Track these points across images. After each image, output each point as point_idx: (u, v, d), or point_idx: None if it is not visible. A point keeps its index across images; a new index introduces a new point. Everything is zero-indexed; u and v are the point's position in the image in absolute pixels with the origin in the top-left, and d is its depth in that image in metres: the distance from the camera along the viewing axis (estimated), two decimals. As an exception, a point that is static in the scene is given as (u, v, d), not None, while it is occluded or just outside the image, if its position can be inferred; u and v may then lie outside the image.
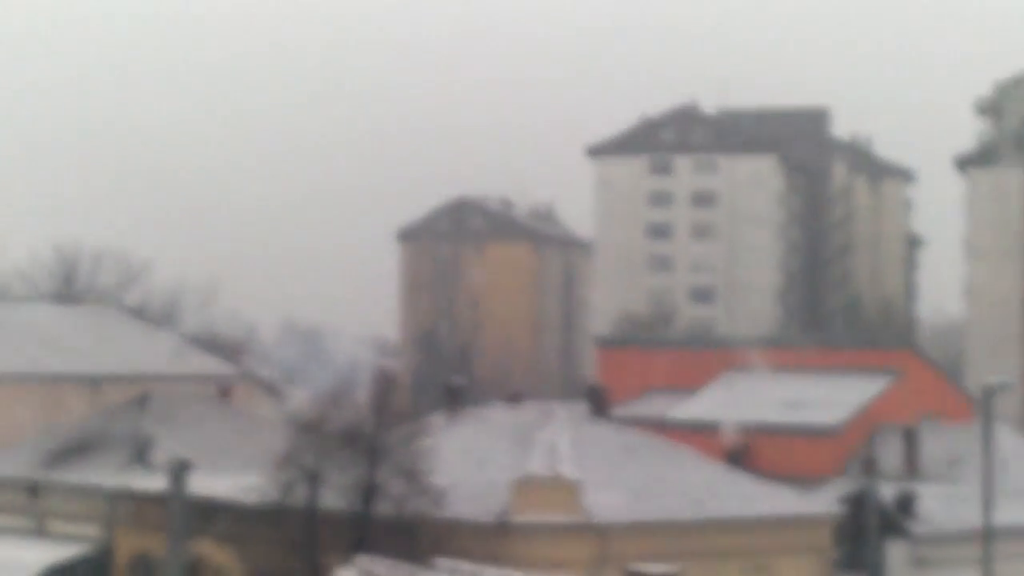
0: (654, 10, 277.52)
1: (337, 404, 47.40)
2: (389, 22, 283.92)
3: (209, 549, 49.40)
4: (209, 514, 48.58)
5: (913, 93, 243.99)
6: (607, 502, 46.39)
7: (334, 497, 45.75)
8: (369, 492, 45.36)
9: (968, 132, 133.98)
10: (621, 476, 48.13)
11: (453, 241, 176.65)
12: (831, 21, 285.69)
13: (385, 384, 48.51)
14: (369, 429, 46.02)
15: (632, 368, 77.18)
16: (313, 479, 45.81)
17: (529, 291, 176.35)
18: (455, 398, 54.93)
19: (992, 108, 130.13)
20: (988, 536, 41.27)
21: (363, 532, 44.87)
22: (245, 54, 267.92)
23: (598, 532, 45.49)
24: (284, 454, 46.72)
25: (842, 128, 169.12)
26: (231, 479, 50.00)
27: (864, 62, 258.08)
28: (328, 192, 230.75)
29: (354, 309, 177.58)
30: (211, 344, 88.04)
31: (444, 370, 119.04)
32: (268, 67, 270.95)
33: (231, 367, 75.19)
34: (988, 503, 41.24)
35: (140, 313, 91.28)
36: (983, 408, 44.88)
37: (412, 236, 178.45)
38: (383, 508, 45.25)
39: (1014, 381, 55.49)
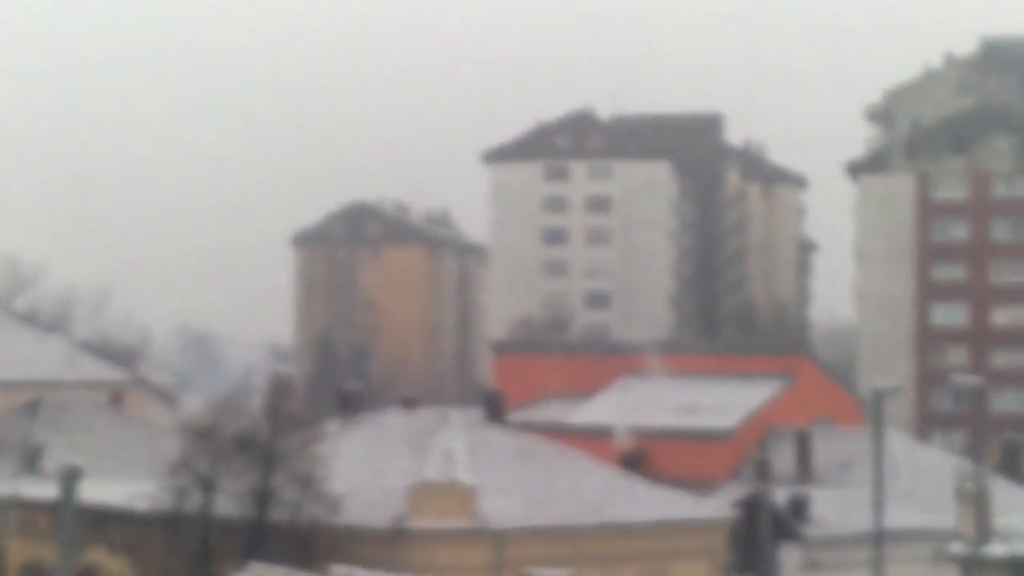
0: (548, 17, 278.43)
1: (231, 410, 47.12)
2: (283, 25, 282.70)
3: (102, 557, 48.92)
4: (101, 522, 48.11)
5: (805, 100, 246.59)
6: (503, 507, 46.43)
7: (228, 504, 45.41)
8: (264, 499, 45.09)
9: (859, 139, 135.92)
10: (517, 481, 48.18)
11: (349, 245, 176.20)
12: (725, 29, 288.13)
13: (280, 390, 48.19)
14: (264, 435, 45.76)
15: (528, 373, 77.29)
16: (207, 486, 45.48)
17: (425, 296, 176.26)
18: (350, 403, 54.73)
19: (882, 115, 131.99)
20: (879, 539, 41.72)
21: (257, 539, 44.59)
22: (137, 56, 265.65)
23: (494, 537, 45.52)
24: (177, 461, 46.35)
25: (735, 135, 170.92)
26: (124, 486, 49.54)
27: (757, 70, 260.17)
28: (222, 197, 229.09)
29: (249, 314, 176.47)
30: (104, 350, 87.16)
31: (339, 375, 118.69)
32: (162, 70, 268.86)
33: (124, 373, 74.45)
34: (879, 506, 41.69)
35: (31, 319, 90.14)
36: (873, 412, 45.37)
37: (307, 240, 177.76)
38: (278, 515, 44.99)
39: (903, 385, 56.12)
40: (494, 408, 55.94)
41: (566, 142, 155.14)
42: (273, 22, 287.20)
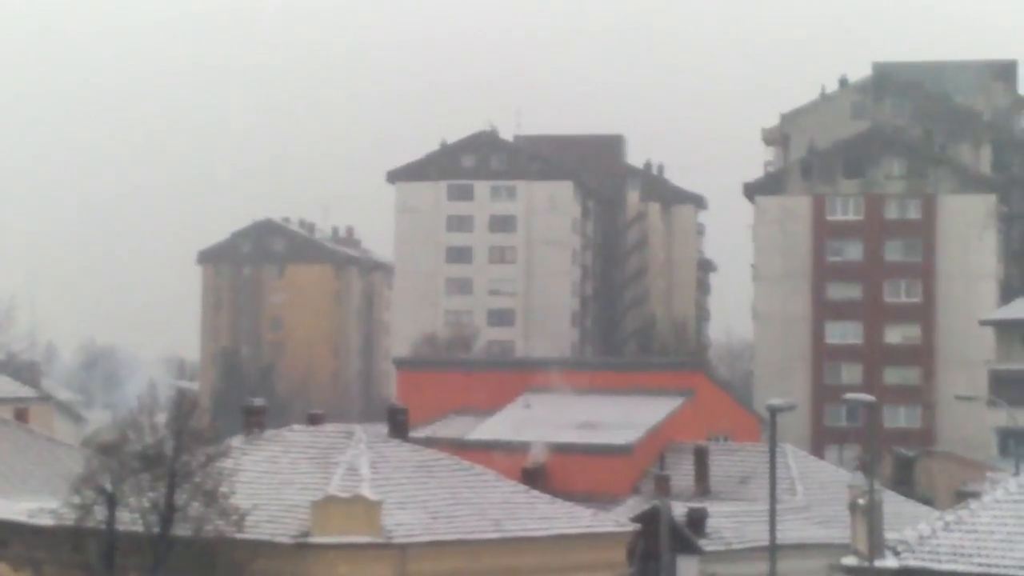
0: (453, 38, 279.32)
1: (136, 426, 47.21)
2: (192, 42, 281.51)
3: (4, 573, 48.89)
4: (4, 537, 48.11)
5: (704, 123, 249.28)
6: (406, 522, 46.97)
7: (133, 520, 45.61)
8: (168, 514, 45.29)
9: (756, 161, 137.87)
10: (420, 496, 48.71)
11: (254, 263, 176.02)
12: (626, 53, 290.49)
13: (184, 405, 48.36)
14: (168, 451, 45.94)
15: (431, 389, 77.85)
16: (111, 502, 45.60)
17: (330, 313, 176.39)
18: (255, 419, 54.89)
19: (779, 138, 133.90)
20: (773, 552, 42.69)
21: (161, 554, 44.82)
22: (42, 67, 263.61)
23: (397, 551, 46.02)
24: (81, 476, 46.40)
25: (636, 156, 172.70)
26: (27, 502, 49.52)
27: (657, 93, 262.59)
28: (128, 213, 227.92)
29: (154, 331, 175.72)
30: (7, 366, 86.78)
31: (244, 391, 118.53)
32: (68, 82, 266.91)
33: (28, 389, 74.19)
34: (773, 520, 42.67)
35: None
36: (769, 428, 46.41)
37: (213, 257, 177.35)
38: (182, 530, 45.21)
39: (798, 402, 57.28)
40: (398, 424, 56.49)
41: (470, 162, 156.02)
42: (185, 40, 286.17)
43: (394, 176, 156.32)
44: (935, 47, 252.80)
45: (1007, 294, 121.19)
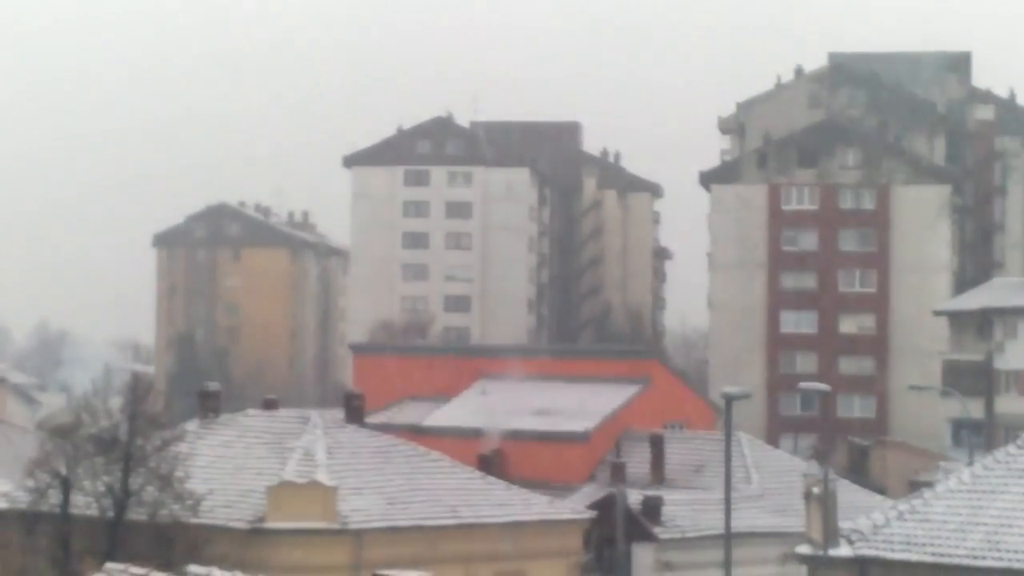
0: (410, 24, 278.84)
1: (90, 409, 47.09)
2: (149, 29, 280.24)
3: (-43, 556, 48.65)
4: (-42, 521, 47.86)
5: (661, 112, 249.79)
6: (362, 508, 46.99)
7: (87, 503, 45.50)
8: (123, 498, 45.20)
9: (713, 150, 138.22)
10: (376, 482, 48.73)
11: (210, 247, 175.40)
12: (583, 39, 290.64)
13: (140, 390, 48.25)
14: (123, 435, 45.83)
15: (388, 375, 77.78)
16: (65, 485, 45.49)
17: (286, 298, 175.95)
18: (211, 404, 54.81)
19: (735, 127, 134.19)
20: (728, 540, 42.87)
21: (116, 539, 44.73)
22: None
23: (353, 537, 46.04)
24: (35, 460, 46.27)
25: (593, 143, 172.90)
26: (-19, 485, 49.30)
27: (615, 81, 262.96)
28: (83, 196, 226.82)
29: (109, 315, 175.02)
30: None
31: (200, 375, 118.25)
32: (22, 69, 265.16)
33: (-19, 372, 73.79)
34: (728, 508, 42.84)
35: None
36: (724, 417, 46.58)
37: (168, 241, 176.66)
38: (137, 514, 45.13)
39: (752, 390, 57.48)
40: (354, 409, 56.46)
41: (426, 148, 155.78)
42: (141, 22, 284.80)
43: (350, 161, 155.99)
44: (891, 38, 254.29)
45: (960, 285, 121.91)
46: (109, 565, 35.97)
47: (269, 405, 56.68)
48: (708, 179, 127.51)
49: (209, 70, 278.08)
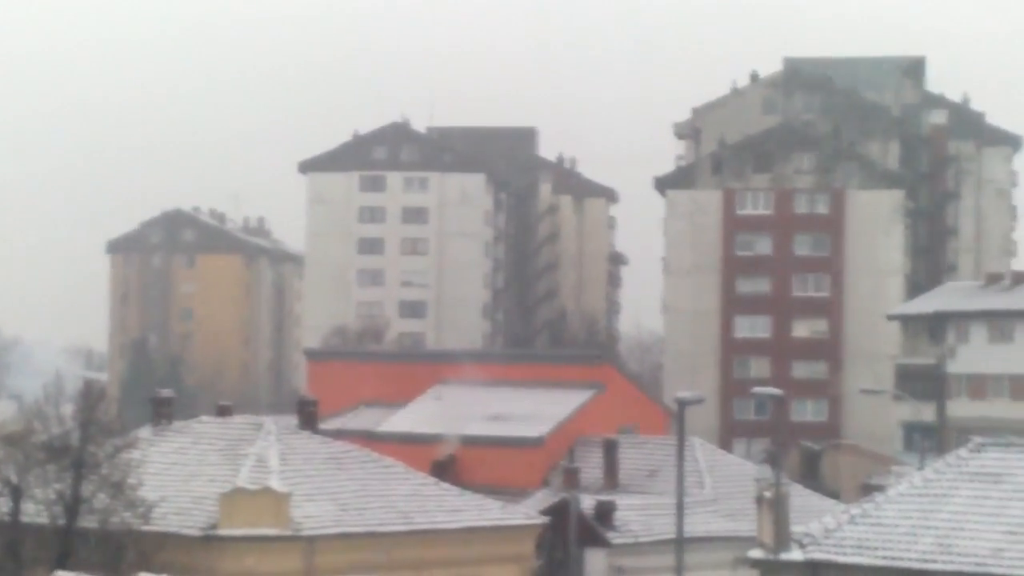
0: (366, 29, 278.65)
1: (42, 416, 46.84)
2: (104, 29, 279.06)
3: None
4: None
5: (617, 117, 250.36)
6: (315, 514, 46.91)
7: (38, 511, 45.25)
8: (74, 506, 44.98)
9: (668, 155, 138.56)
10: (329, 488, 48.64)
11: (164, 253, 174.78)
12: (540, 44, 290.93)
13: (92, 396, 48.03)
14: (75, 442, 45.62)
15: (342, 381, 77.63)
16: (16, 492, 45.23)
17: (240, 304, 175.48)
18: (164, 411, 54.64)
19: (690, 132, 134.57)
20: (680, 544, 42.96)
21: (67, 546, 44.50)
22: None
23: (305, 544, 45.95)
24: (-14, 467, 45.98)
25: (549, 149, 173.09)
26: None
27: (571, 86, 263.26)
28: (36, 202, 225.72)
29: (62, 321, 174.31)
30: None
31: (153, 382, 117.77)
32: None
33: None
34: (681, 513, 42.92)
35: None
36: (677, 421, 46.69)
37: (123, 247, 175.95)
38: (88, 522, 44.92)
39: (706, 395, 57.58)
40: (307, 416, 56.37)
41: (382, 153, 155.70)
42: (96, 27, 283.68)
43: (306, 167, 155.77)
44: (846, 43, 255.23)
45: (913, 289, 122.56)
46: (60, 573, 35.87)
47: (223, 412, 56.55)
48: (663, 184, 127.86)
49: (165, 75, 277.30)
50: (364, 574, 46.76)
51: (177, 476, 48.83)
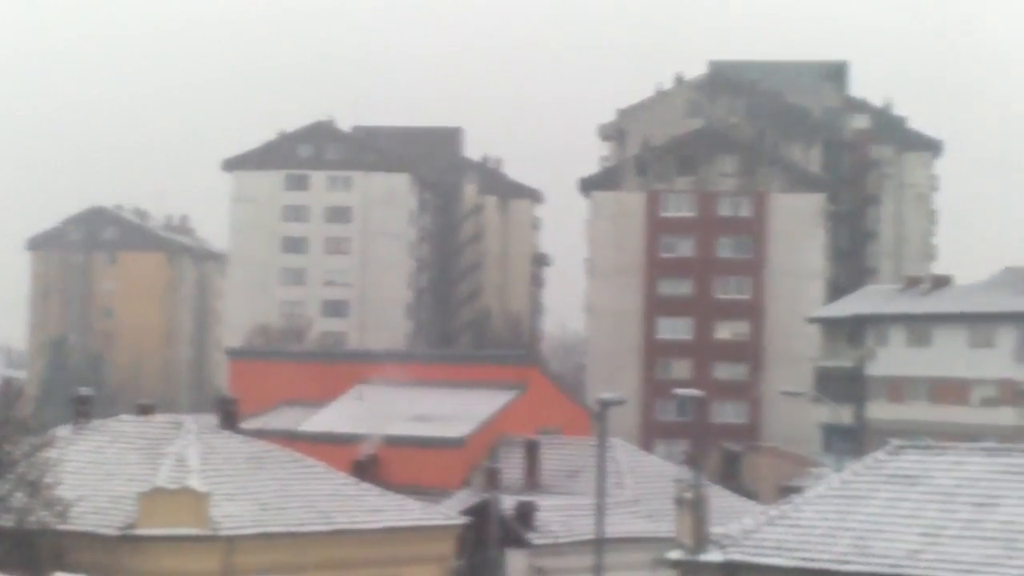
0: (292, 27, 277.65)
1: (-42, 415, 46.37)
2: (25, 22, 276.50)
3: None
4: None
5: (543, 119, 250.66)
6: (234, 514, 46.69)
7: (-46, 510, 44.78)
8: (-10, 505, 44.56)
9: (593, 157, 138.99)
10: (250, 488, 48.42)
11: (85, 250, 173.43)
12: (466, 45, 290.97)
13: (10, 394, 47.63)
14: (-9, 440, 45.20)
15: (264, 380, 77.27)
16: (-69, 492, 44.77)
17: (162, 302, 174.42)
18: (84, 409, 54.23)
19: (615, 134, 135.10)
20: (600, 545, 43.11)
21: (-17, 545, 44.09)
22: None
23: (224, 544, 45.71)
24: (-99, 466, 45.46)
25: (474, 149, 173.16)
26: None
27: (497, 86, 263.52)
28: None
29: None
30: None
31: (73, 380, 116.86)
32: None
33: None
34: (601, 513, 43.07)
35: None
36: (598, 422, 46.82)
37: (43, 244, 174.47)
38: (4, 521, 44.48)
39: (628, 396, 57.83)
40: (228, 415, 56.12)
41: (307, 152, 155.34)
42: (14, 19, 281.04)
43: (230, 165, 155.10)
44: (771, 47, 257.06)
45: (834, 292, 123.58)
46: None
47: (144, 410, 56.23)
48: (588, 185, 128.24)
49: (87, 72, 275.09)
50: (283, 574, 46.58)
51: (95, 475, 48.47)
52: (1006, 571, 35.35)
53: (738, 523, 40.53)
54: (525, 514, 56.08)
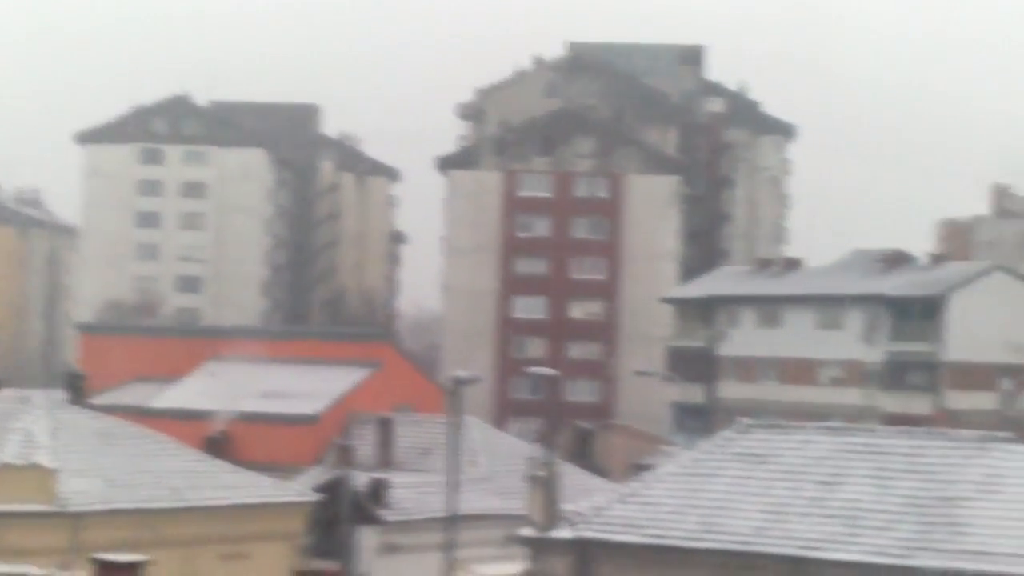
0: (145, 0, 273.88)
1: None
2: None
3: None
4: None
5: (401, 96, 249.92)
6: (83, 490, 46.19)
7: None
8: None
9: (451, 136, 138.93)
10: (98, 464, 47.92)
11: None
12: (324, 20, 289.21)
13: None
14: None
15: (116, 355, 76.50)
16: None
17: (11, 276, 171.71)
18: (-73, 384, 53.38)
19: (474, 114, 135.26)
20: (451, 522, 43.25)
21: None
22: None
23: (71, 520, 45.23)
24: None
25: (331, 126, 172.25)
26: None
27: (354, 63, 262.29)
28: None
29: None
30: None
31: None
32: None
33: None
34: (452, 491, 43.21)
35: None
36: (452, 400, 46.97)
37: None
38: None
39: (483, 374, 58.08)
40: (77, 390, 55.50)
41: (162, 126, 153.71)
42: None
43: (84, 138, 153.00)
44: (629, 30, 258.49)
45: (687, 273, 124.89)
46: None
47: (-9, 385, 55.42)
48: (445, 164, 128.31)
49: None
50: (132, 551, 46.14)
51: (-60, 452, 47.64)
52: (848, 547, 36.07)
53: (589, 501, 40.86)
54: (378, 491, 56.10)
